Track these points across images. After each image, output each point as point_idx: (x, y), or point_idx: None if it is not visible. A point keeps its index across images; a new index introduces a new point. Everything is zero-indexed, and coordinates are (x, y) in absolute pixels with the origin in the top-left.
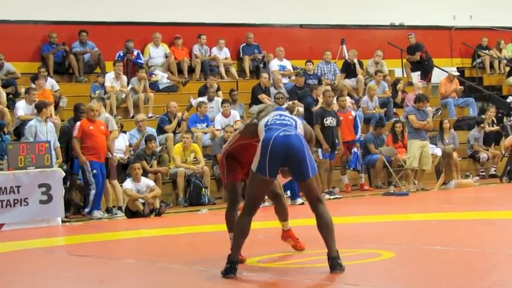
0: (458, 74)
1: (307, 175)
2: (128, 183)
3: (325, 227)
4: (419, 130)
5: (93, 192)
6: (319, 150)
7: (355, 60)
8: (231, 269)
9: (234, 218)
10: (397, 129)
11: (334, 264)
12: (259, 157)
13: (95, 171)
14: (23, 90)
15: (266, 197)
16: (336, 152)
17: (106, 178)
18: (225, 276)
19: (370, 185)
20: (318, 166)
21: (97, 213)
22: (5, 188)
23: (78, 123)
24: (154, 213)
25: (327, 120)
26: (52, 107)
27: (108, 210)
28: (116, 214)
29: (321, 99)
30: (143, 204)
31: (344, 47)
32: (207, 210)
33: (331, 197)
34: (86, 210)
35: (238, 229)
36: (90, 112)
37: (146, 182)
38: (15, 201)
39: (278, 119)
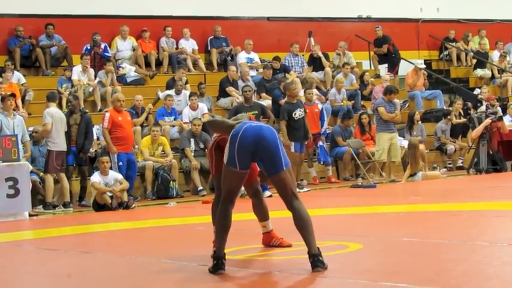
0: (425, 66)
1: (280, 168)
2: (96, 177)
3: (303, 224)
4: (388, 122)
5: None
6: (292, 143)
7: (320, 54)
8: (219, 265)
9: None
10: (364, 120)
11: (316, 262)
12: (228, 148)
13: (120, 163)
14: None
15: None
16: (305, 143)
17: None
18: (215, 273)
19: (338, 177)
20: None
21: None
22: None
23: (107, 114)
24: (122, 206)
25: (295, 113)
26: (19, 101)
27: (46, 206)
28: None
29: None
30: (111, 197)
31: (312, 39)
32: (175, 203)
33: (301, 190)
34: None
35: (219, 224)
36: (117, 102)
37: (114, 175)
38: None
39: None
